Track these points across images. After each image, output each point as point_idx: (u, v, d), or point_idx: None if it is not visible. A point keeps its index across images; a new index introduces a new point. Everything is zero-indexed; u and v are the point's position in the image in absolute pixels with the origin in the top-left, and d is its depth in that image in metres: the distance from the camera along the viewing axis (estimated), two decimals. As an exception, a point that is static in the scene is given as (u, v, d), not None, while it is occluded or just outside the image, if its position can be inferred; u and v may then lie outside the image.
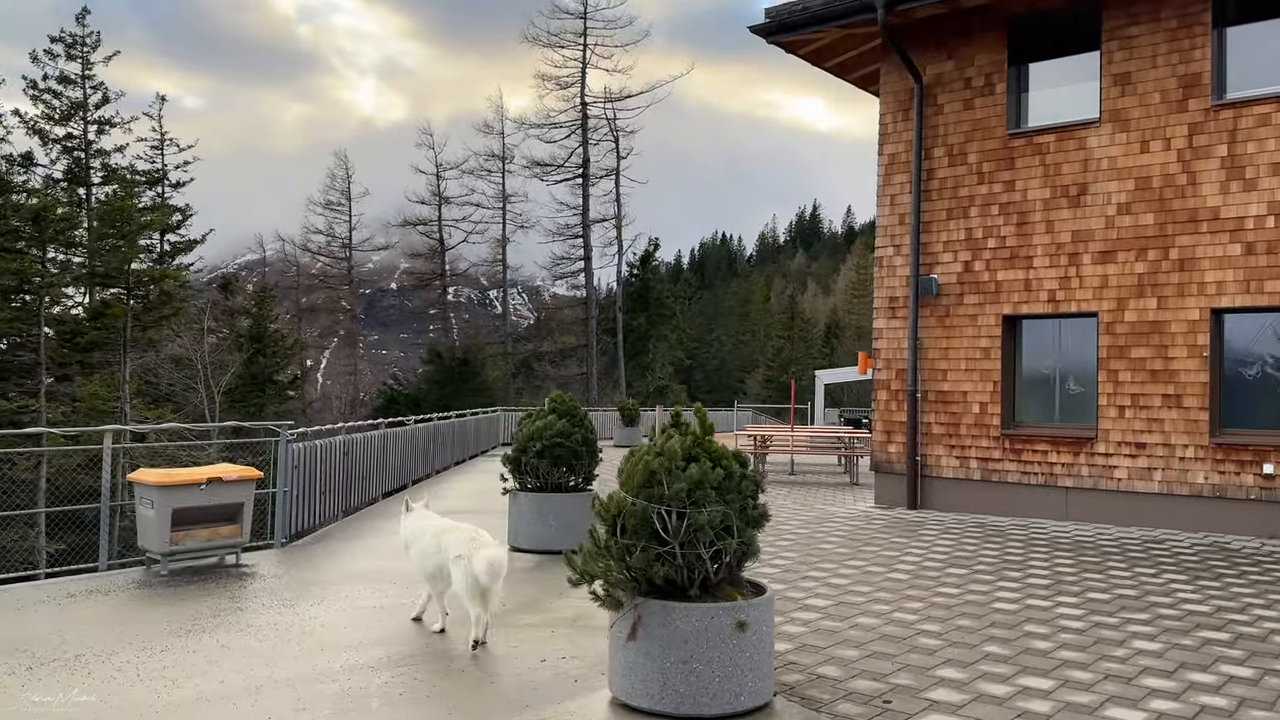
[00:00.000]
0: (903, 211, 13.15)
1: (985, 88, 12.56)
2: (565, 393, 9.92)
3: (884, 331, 13.25)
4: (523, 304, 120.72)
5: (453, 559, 6.07)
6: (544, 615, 6.91)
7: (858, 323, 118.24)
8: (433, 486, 16.46)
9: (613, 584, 4.89)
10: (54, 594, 7.41)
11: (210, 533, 8.49)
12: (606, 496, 5.11)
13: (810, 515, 12.34)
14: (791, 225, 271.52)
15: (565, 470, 9.41)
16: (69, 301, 26.29)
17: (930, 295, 12.73)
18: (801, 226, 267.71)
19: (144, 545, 8.30)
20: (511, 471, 9.59)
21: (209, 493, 8.35)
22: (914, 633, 6.49)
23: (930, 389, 12.78)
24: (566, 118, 51.12)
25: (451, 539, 6.21)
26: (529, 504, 9.36)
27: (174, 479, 8.17)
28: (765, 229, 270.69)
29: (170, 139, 39.61)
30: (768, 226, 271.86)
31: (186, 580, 7.99)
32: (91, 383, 23.32)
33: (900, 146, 13.23)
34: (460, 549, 6.05)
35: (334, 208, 64.54)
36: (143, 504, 8.26)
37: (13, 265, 21.53)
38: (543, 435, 9.34)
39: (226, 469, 8.62)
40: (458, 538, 6.19)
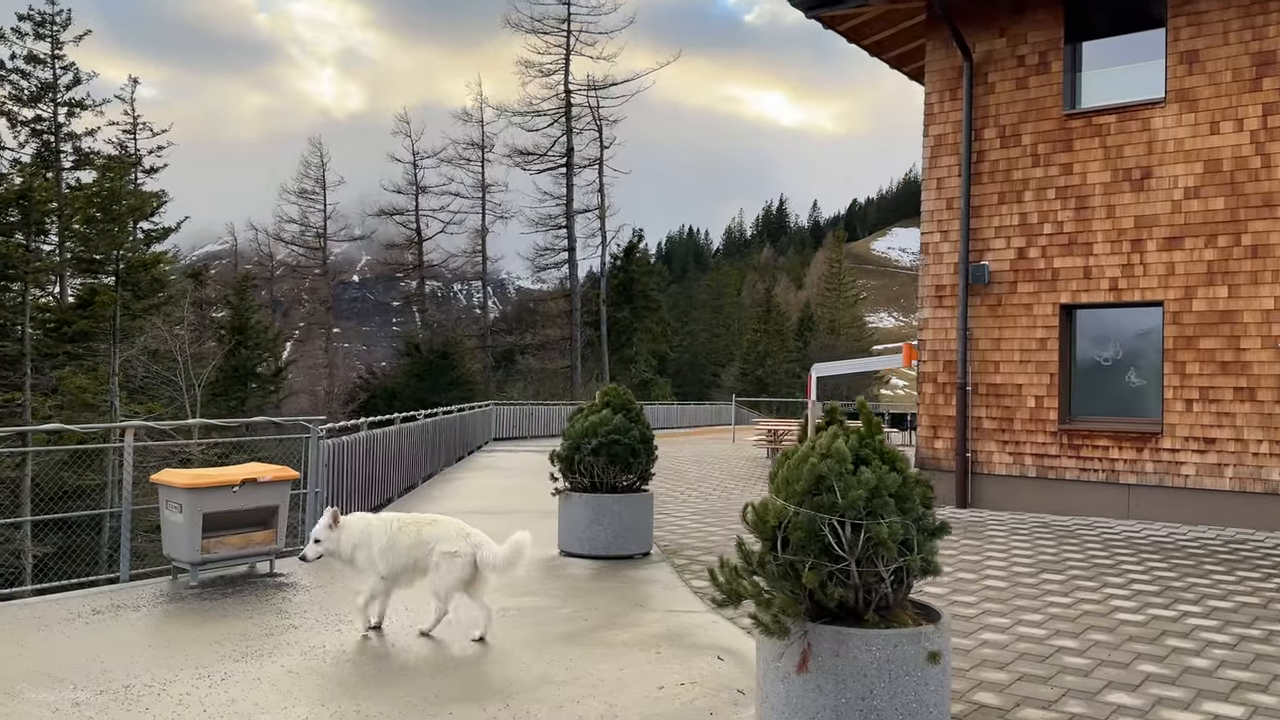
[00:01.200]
0: (950, 195, 12.55)
1: (1040, 66, 11.97)
2: (619, 385, 9.21)
3: (930, 322, 12.65)
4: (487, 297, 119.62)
5: (442, 553, 5.88)
6: (634, 631, 6.22)
7: (830, 316, 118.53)
8: (443, 486, 15.69)
9: (777, 607, 4.21)
10: (78, 610, 6.61)
11: (243, 539, 7.71)
12: (760, 504, 4.43)
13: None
14: (758, 219, 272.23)
15: (621, 469, 8.71)
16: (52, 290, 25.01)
17: (981, 283, 12.15)
18: (768, 220, 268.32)
19: (170, 554, 7.51)
20: (563, 470, 8.87)
21: (242, 495, 7.58)
22: (1052, 650, 5.87)
23: (981, 382, 12.20)
24: (550, 105, 50.28)
25: (436, 531, 6.00)
26: (582, 506, 8.64)
27: (204, 480, 7.38)
28: (732, 223, 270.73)
29: (143, 123, 38.31)
30: (734, 220, 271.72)
31: (221, 592, 7.21)
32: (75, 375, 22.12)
33: (947, 128, 12.62)
34: (454, 545, 5.89)
35: (308, 196, 63.22)
36: (169, 508, 7.47)
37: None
38: (598, 432, 8.63)
39: (261, 469, 7.84)
40: (444, 531, 5.99)
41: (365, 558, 6.01)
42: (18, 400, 19.89)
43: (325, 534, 5.98)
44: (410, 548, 6.01)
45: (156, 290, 25.47)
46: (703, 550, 9.13)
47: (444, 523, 6.12)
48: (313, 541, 6.00)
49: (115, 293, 22.65)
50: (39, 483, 18.20)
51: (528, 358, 51.66)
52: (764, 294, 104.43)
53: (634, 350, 51.85)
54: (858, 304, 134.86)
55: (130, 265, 23.76)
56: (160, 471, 7.65)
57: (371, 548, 5.98)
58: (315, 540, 5.99)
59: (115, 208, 23.56)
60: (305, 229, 63.06)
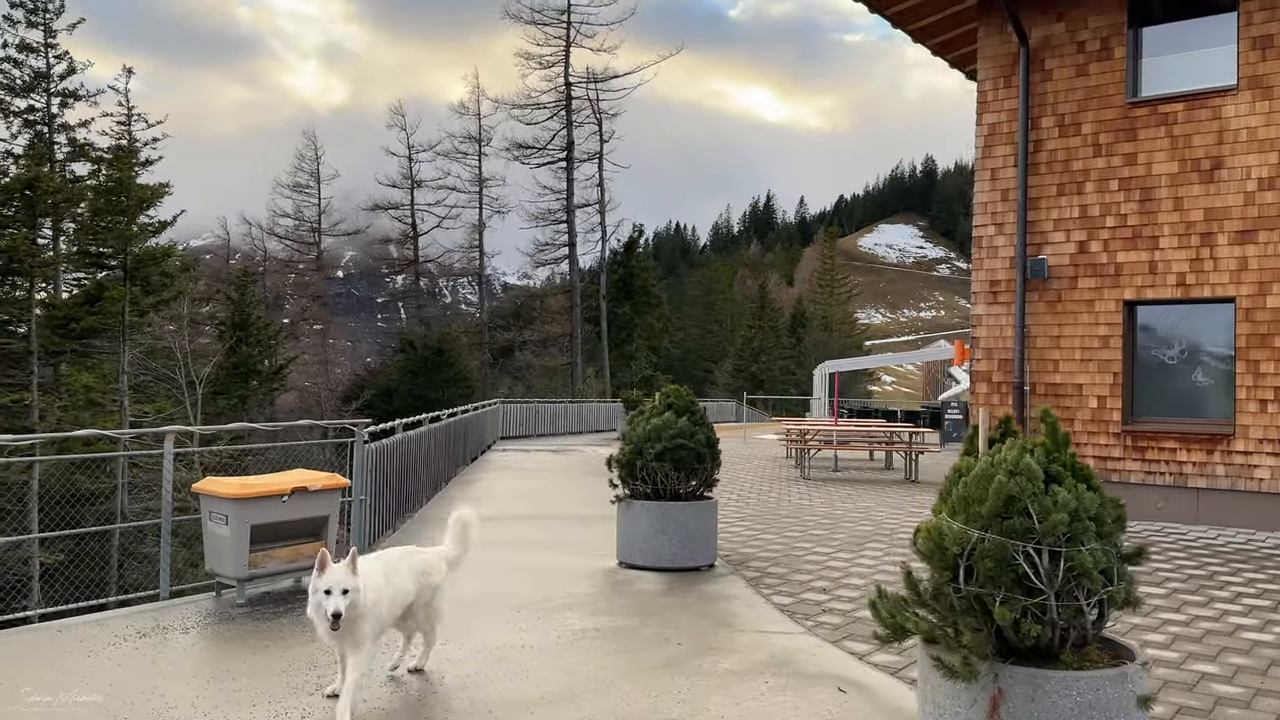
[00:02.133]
0: (1005, 187, 12.06)
1: (1101, 52, 11.49)
2: (680, 386, 8.69)
3: (984, 318, 12.16)
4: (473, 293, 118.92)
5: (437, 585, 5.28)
6: (734, 657, 5.69)
7: (823, 313, 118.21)
8: (464, 489, 15.13)
9: (967, 647, 3.69)
10: (121, 632, 6.05)
11: (292, 552, 7.16)
12: (931, 527, 3.91)
13: (897, 522, 11.22)
14: (746, 215, 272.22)
15: (686, 475, 8.18)
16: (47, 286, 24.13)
17: (1040, 278, 11.66)
18: (756, 217, 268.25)
19: (214, 569, 6.95)
20: (623, 477, 8.33)
21: (291, 505, 7.02)
22: (1196, 676, 5.39)
23: (1039, 381, 11.72)
24: (549, 98, 49.61)
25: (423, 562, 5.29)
26: (646, 514, 8.11)
27: (253, 490, 6.82)
28: (720, 219, 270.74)
29: (138, 114, 37.47)
30: (722, 217, 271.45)
31: (272, 611, 6.65)
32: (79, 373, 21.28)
33: (1002, 116, 12.13)
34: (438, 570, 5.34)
35: (302, 190, 62.31)
36: (213, 520, 6.90)
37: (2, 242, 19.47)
38: (661, 436, 8.10)
39: (310, 476, 7.28)
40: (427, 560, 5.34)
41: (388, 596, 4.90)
42: (24, 400, 19.10)
43: (351, 581, 4.51)
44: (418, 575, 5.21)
45: (165, 285, 24.68)
46: (769, 561, 8.61)
47: (419, 552, 5.38)
48: (339, 594, 4.45)
49: (124, 288, 21.84)
50: (47, 486, 17.46)
51: (527, 354, 51.02)
52: (758, 290, 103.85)
53: (634, 346, 51.29)
54: (850, 300, 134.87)
55: (139, 259, 22.97)
56: (202, 480, 7.08)
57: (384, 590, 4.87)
58: (343, 592, 4.46)
59: (123, 199, 22.75)
60: (299, 223, 62.27)
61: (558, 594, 7.26)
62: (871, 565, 8.47)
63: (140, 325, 24.08)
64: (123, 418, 21.74)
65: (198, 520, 7.29)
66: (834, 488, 14.81)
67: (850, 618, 6.65)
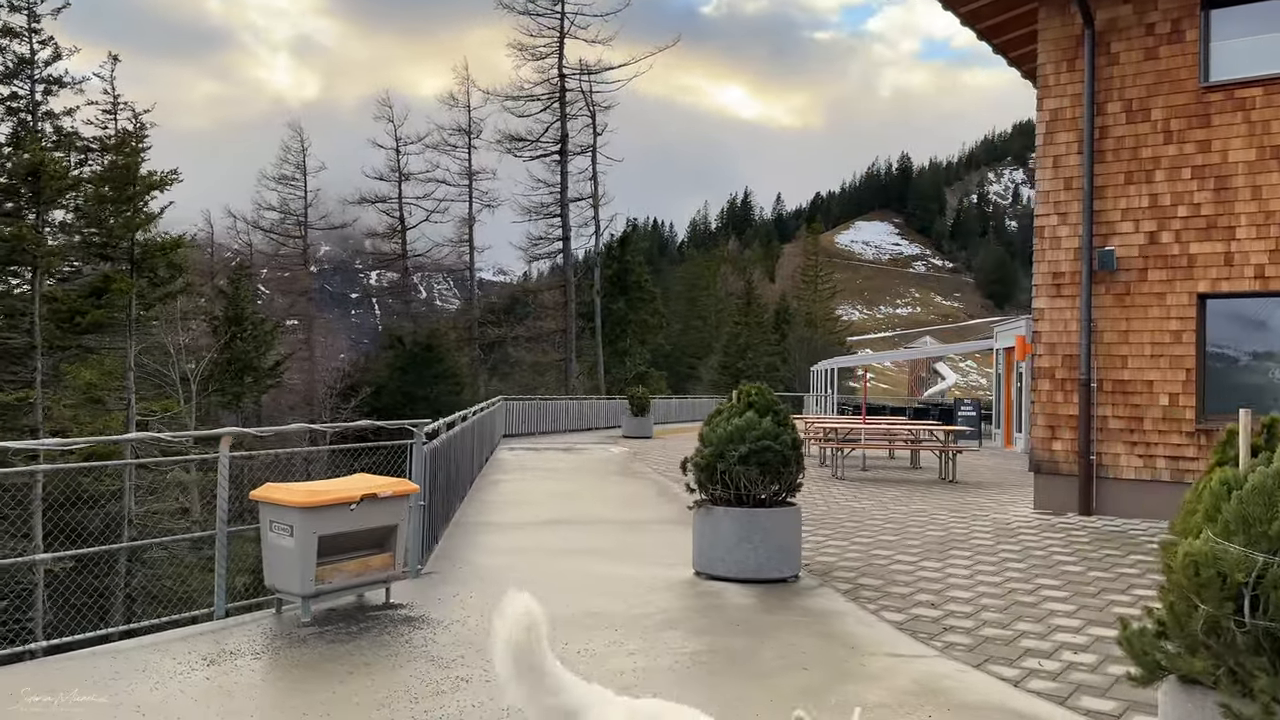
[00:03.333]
0: (1069, 175, 11.56)
1: (1172, 34, 11.00)
2: (760, 384, 8.11)
3: (1046, 312, 11.66)
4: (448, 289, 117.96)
5: None
6: (879, 687, 5.12)
7: (807, 309, 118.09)
8: (491, 492, 14.48)
9: (1266, 693, 3.13)
10: (185, 659, 5.42)
11: (360, 565, 6.53)
12: (1196, 550, 3.35)
13: (985, 526, 10.72)
14: (723, 212, 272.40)
15: (771, 480, 7.61)
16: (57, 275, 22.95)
17: (1108, 270, 11.17)
18: (733, 213, 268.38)
19: (276, 584, 6.31)
20: (702, 481, 7.74)
21: (359, 514, 6.40)
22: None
23: (1106, 378, 11.23)
24: (542, 90, 48.79)
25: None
26: (729, 522, 7.53)
27: (320, 497, 6.19)
28: (697, 215, 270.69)
29: (124, 103, 36.35)
30: (699, 213, 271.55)
31: (344, 631, 6.03)
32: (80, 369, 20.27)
33: (1065, 101, 11.62)
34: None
35: (289, 182, 61.14)
36: (275, 531, 6.27)
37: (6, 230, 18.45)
38: (745, 437, 7.52)
39: (378, 482, 6.66)
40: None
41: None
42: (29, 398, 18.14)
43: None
44: None
45: (174, 276, 23.68)
46: (854, 571, 8.06)
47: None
48: None
49: (131, 280, 20.87)
50: (48, 488, 16.52)
51: (520, 350, 50.25)
52: (744, 286, 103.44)
53: (628, 343, 50.66)
54: (834, 296, 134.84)
55: (146, 250, 21.95)
56: (262, 487, 6.44)
57: None
58: None
59: (131, 187, 21.75)
60: (285, 216, 61.12)
61: (649, 609, 6.67)
62: (967, 575, 7.93)
63: (147, 320, 23.11)
64: (129, 417, 20.85)
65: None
66: (874, 489, 14.28)
67: (978, 637, 6.10)
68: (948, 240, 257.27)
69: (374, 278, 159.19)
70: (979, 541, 9.50)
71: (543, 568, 8.24)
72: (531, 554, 8.87)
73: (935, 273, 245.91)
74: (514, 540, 9.58)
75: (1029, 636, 6.11)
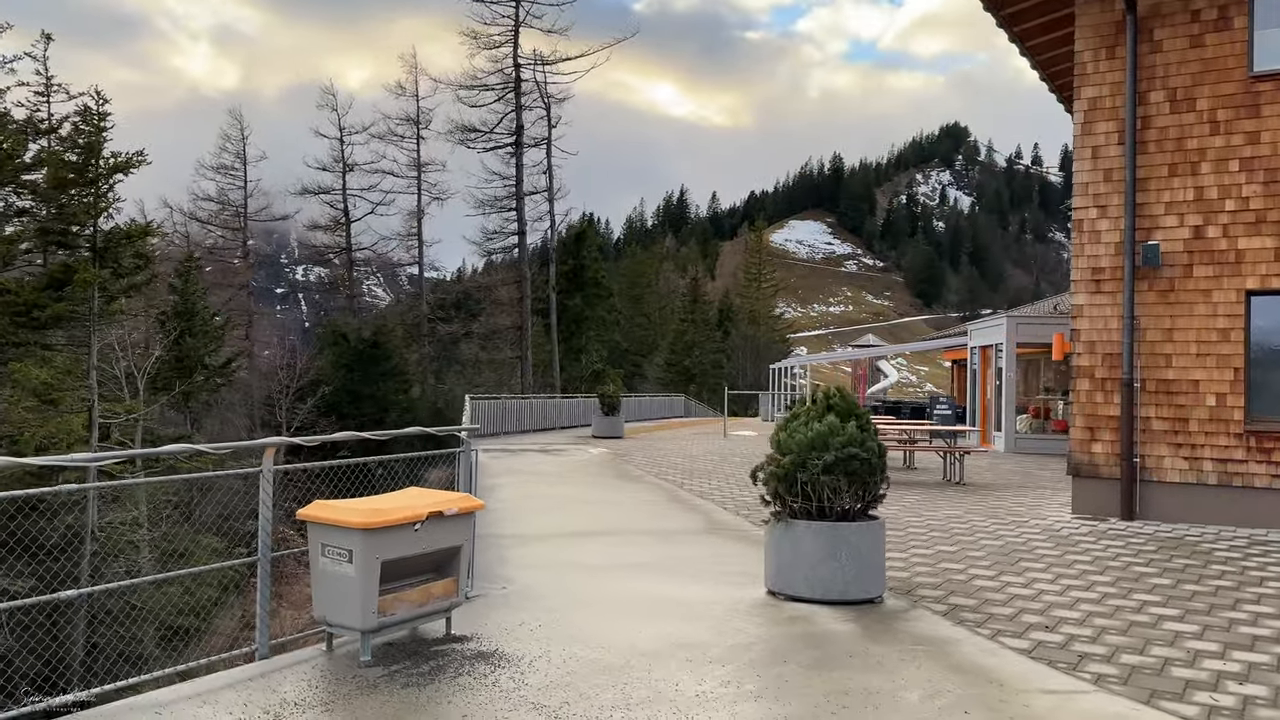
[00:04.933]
0: (1108, 166, 11.11)
1: (1219, 21, 10.60)
2: (839, 387, 7.47)
3: (1085, 309, 11.20)
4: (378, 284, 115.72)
5: None
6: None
7: (750, 307, 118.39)
8: (491, 497, 13.61)
9: None
10: (241, 712, 4.58)
11: (422, 593, 5.73)
12: None
13: (1034, 532, 10.21)
14: (659, 209, 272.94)
15: (858, 490, 6.96)
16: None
17: (1153, 266, 10.74)
18: (669, 211, 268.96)
19: (329, 617, 5.48)
20: (779, 492, 7.05)
21: (424, 534, 5.59)
22: None
23: (1149, 377, 10.81)
24: (496, 80, 47.60)
25: None
26: (812, 537, 6.86)
27: (384, 517, 5.37)
28: (633, 213, 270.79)
29: (58, 84, 34.41)
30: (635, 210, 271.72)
31: (414, 673, 5.22)
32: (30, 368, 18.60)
33: (1104, 90, 11.17)
34: None
35: (228, 171, 58.97)
36: (329, 556, 5.43)
37: None
38: (829, 444, 6.85)
39: (444, 498, 5.85)
40: None
41: None
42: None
43: None
44: None
45: (139, 267, 22.02)
46: (936, 588, 7.46)
47: None
48: None
49: (95, 271, 19.26)
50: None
51: (473, 347, 49.04)
52: (690, 284, 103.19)
53: (584, 340, 49.78)
54: (776, 294, 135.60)
55: (110, 238, 20.28)
56: (311, 505, 5.59)
57: None
58: None
59: (93, 167, 20.13)
60: (224, 207, 58.98)
61: (742, 638, 5.97)
62: (1058, 591, 7.37)
63: (110, 314, 21.50)
64: (91, 420, 19.30)
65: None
66: (890, 493, 13.73)
67: (1121, 665, 5.52)
68: (878, 240, 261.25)
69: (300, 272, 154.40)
70: (1043, 551, 8.97)
71: (596, 588, 7.48)
72: (574, 570, 8.10)
73: (866, 272, 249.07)
74: (546, 554, 8.79)
75: (1176, 664, 5.55)
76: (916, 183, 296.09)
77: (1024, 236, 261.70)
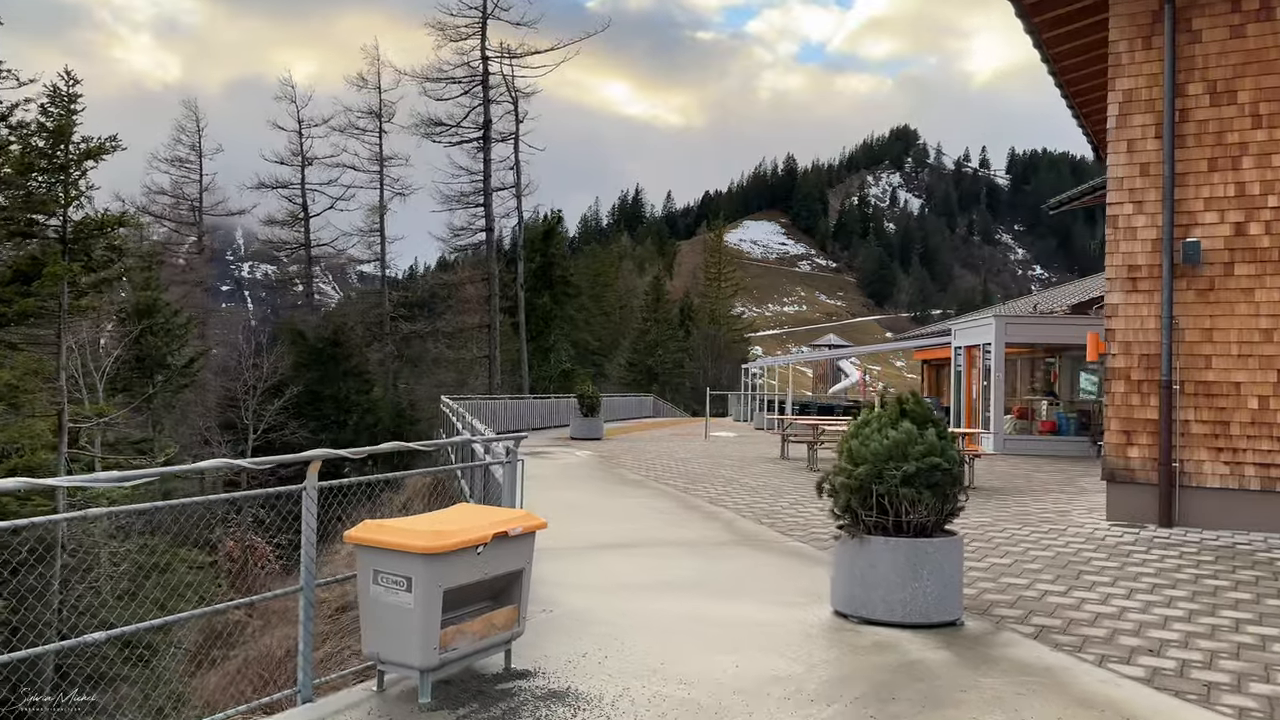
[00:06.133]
0: (1145, 161, 10.73)
1: (1261, 11, 10.25)
2: (915, 392, 6.94)
3: (1120, 308, 10.80)
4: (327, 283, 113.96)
5: None
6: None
7: (711, 307, 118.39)
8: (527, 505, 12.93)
9: None
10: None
11: (484, 624, 5.09)
12: None
13: (1078, 541, 9.77)
14: (614, 208, 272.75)
15: (939, 503, 6.43)
16: None
17: (1193, 264, 10.37)
18: (624, 210, 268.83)
19: (382, 653, 4.83)
20: (852, 505, 6.50)
21: (486, 557, 4.96)
22: None
23: (1189, 379, 10.43)
24: (463, 73, 46.63)
25: None
26: (892, 555, 6.31)
27: (448, 539, 4.72)
28: (588, 211, 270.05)
29: (7, 70, 32.90)
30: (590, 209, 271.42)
31: (485, 717, 4.59)
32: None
33: (1140, 81, 10.78)
34: None
35: (183, 164, 57.29)
36: (384, 584, 4.78)
37: None
38: (908, 453, 6.32)
39: (506, 516, 5.23)
40: None
41: None
42: None
43: None
44: None
45: (111, 260, 20.67)
46: (1019, 608, 6.96)
47: None
48: None
49: (66, 263, 17.95)
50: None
51: (439, 346, 48.02)
52: (652, 283, 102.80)
53: (553, 339, 48.98)
54: (736, 294, 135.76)
55: (81, 228, 18.92)
56: (360, 526, 4.93)
57: None
58: None
59: (62, 152, 18.82)
60: (179, 201, 57.31)
61: (836, 670, 5.42)
62: (1140, 608, 6.90)
63: (80, 309, 20.22)
64: (61, 424, 18.10)
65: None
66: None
67: (1256, 697, 5.07)
68: (831, 241, 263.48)
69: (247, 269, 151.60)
70: (1099, 562, 8.52)
71: (647, 609, 6.88)
72: (617, 590, 7.49)
73: (820, 272, 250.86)
74: (581, 572, 8.16)
75: (1314, 696, 5.09)
76: (868, 184, 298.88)
77: (972, 238, 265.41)
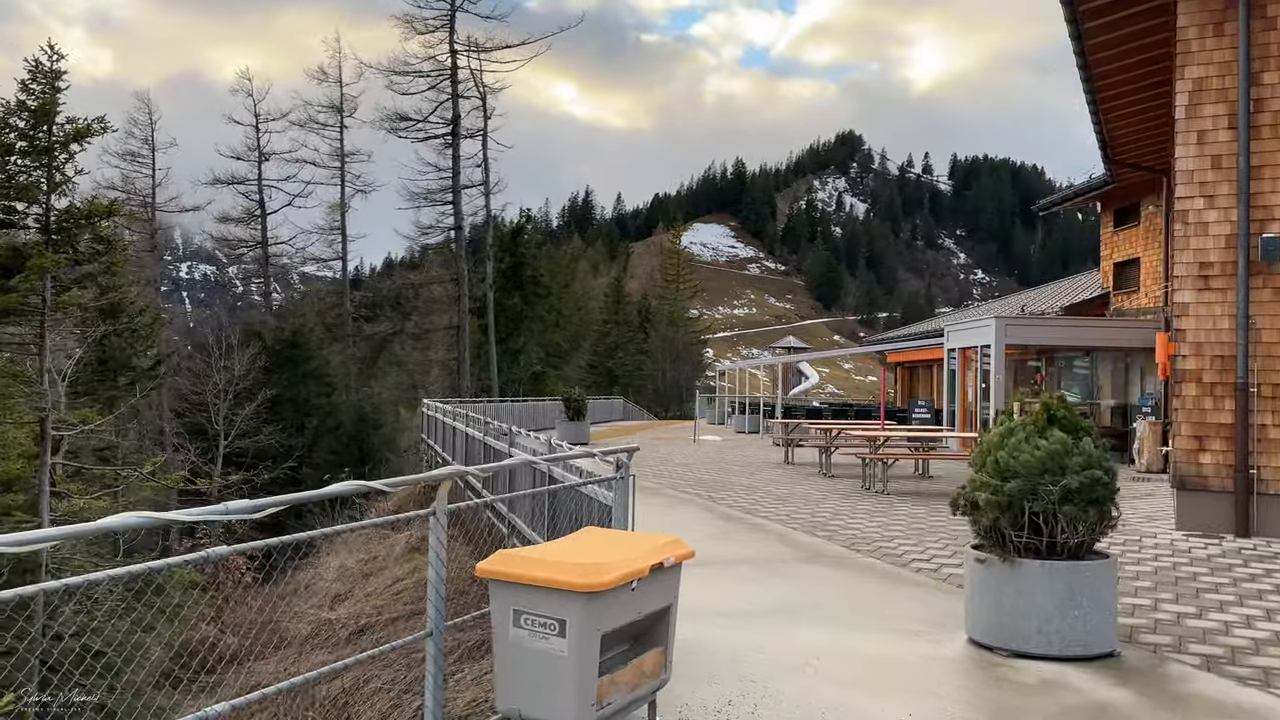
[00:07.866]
0: (1216, 153, 10.21)
1: (1342, -4, 9.80)
2: (1052, 394, 6.25)
3: (1191, 307, 10.27)
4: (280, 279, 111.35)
5: None
6: None
7: (669, 309, 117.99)
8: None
9: None
10: None
11: (634, 672, 4.30)
12: None
13: (1165, 554, 9.20)
14: (564, 210, 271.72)
15: (1097, 522, 5.76)
16: None
17: (1270, 260, 9.87)
18: (575, 211, 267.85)
19: (525, 710, 4.02)
20: (1003, 524, 5.78)
21: (639, 594, 4.17)
22: None
23: (1265, 381, 9.93)
24: (430, 66, 45.47)
25: None
26: (1048, 580, 5.62)
27: (607, 576, 3.93)
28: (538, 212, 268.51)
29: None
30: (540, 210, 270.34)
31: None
32: None
33: (1211, 70, 10.27)
34: None
35: (136, 159, 55.25)
36: (528, 627, 3.97)
37: None
38: (1065, 467, 5.64)
39: (660, 544, 4.43)
40: None
41: None
42: None
43: None
44: None
45: (99, 253, 19.21)
46: (1164, 634, 6.31)
47: None
48: None
49: (51, 256, 16.51)
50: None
51: (405, 348, 46.73)
52: (612, 285, 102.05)
53: (522, 340, 47.92)
54: (695, 296, 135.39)
55: (65, 217, 17.46)
56: (494, 557, 4.12)
57: None
58: None
59: (44, 133, 17.36)
60: (130, 196, 55.25)
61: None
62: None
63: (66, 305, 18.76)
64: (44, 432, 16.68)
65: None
66: (935, 504, 12.71)
67: None
68: (779, 244, 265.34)
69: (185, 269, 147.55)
70: (1207, 578, 7.94)
71: (767, 642, 6.09)
72: (720, 619, 6.66)
73: (769, 275, 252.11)
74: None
75: None
76: (815, 189, 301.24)
77: (916, 243, 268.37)
